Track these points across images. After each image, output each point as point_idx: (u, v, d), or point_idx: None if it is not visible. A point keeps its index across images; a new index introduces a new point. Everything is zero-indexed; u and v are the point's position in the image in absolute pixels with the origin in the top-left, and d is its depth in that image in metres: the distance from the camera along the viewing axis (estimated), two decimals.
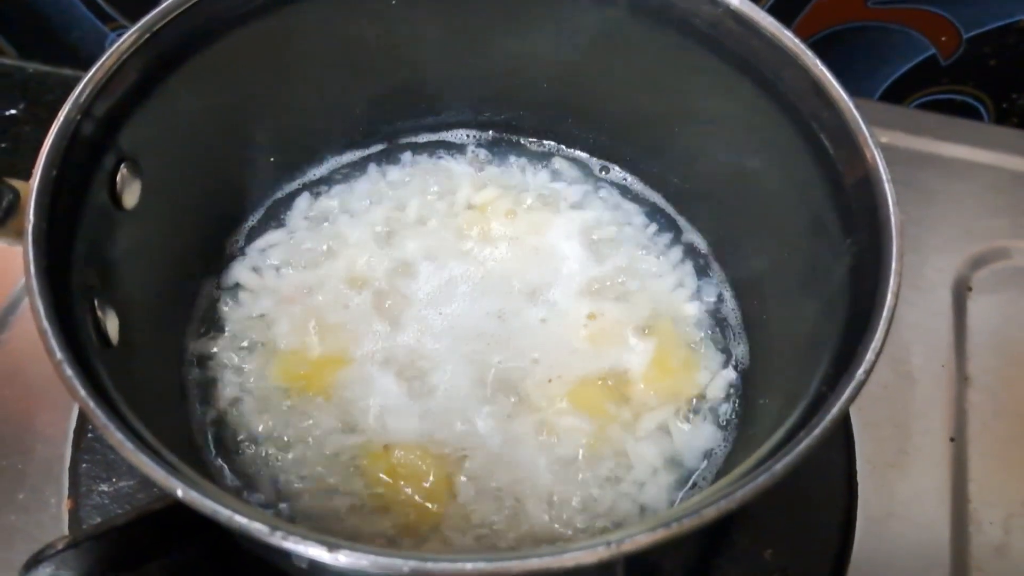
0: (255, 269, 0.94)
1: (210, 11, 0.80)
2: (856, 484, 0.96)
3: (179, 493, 0.57)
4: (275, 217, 0.98)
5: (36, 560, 0.68)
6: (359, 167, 1.01)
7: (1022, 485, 0.99)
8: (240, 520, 0.55)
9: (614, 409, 0.87)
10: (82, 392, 0.60)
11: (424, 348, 0.89)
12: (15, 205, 0.70)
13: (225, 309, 0.92)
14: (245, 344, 0.90)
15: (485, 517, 0.81)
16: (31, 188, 0.67)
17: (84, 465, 0.92)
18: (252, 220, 0.97)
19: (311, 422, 0.85)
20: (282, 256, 0.95)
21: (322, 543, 0.54)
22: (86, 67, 0.74)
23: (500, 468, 0.84)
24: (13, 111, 1.24)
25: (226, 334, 0.90)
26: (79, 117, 0.71)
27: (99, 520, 0.88)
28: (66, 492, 0.92)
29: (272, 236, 0.96)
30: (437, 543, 0.80)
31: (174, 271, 0.89)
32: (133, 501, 0.90)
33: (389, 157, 1.02)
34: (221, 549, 0.79)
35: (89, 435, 0.93)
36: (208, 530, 0.74)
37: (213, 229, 0.95)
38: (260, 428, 0.85)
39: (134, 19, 0.77)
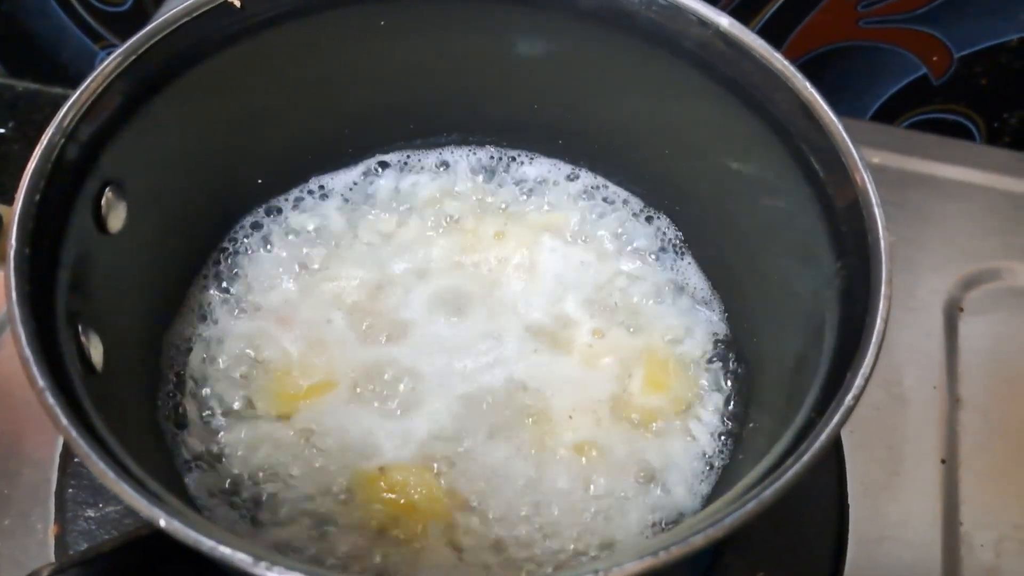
0: (241, 291, 0.93)
1: (195, 33, 0.80)
2: (848, 506, 0.96)
3: (162, 523, 0.56)
4: (261, 238, 0.96)
5: None
6: (347, 187, 1.00)
7: (1014, 507, 0.98)
8: (224, 550, 0.55)
9: (611, 428, 0.87)
10: (64, 421, 0.59)
11: (416, 370, 0.89)
12: None
13: (209, 333, 0.91)
14: (230, 369, 0.89)
15: (485, 538, 0.81)
16: (13, 213, 0.67)
17: (70, 490, 0.92)
18: (238, 241, 0.96)
19: (300, 446, 0.85)
20: (268, 278, 0.94)
21: (306, 573, 0.54)
22: (75, 86, 0.74)
23: (500, 487, 0.83)
24: (2, 130, 1.24)
25: (211, 359, 0.89)
26: (63, 140, 0.70)
27: (86, 546, 0.87)
28: (52, 517, 0.91)
29: (258, 257, 0.95)
30: (437, 566, 0.80)
31: (159, 295, 0.89)
32: (120, 527, 0.89)
33: (378, 176, 1.01)
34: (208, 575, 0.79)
35: (75, 460, 0.93)
36: (195, 557, 0.74)
37: (199, 251, 0.94)
38: (246, 453, 0.84)
39: (124, 38, 0.77)
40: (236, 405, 0.87)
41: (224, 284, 0.93)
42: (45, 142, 0.70)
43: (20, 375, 0.98)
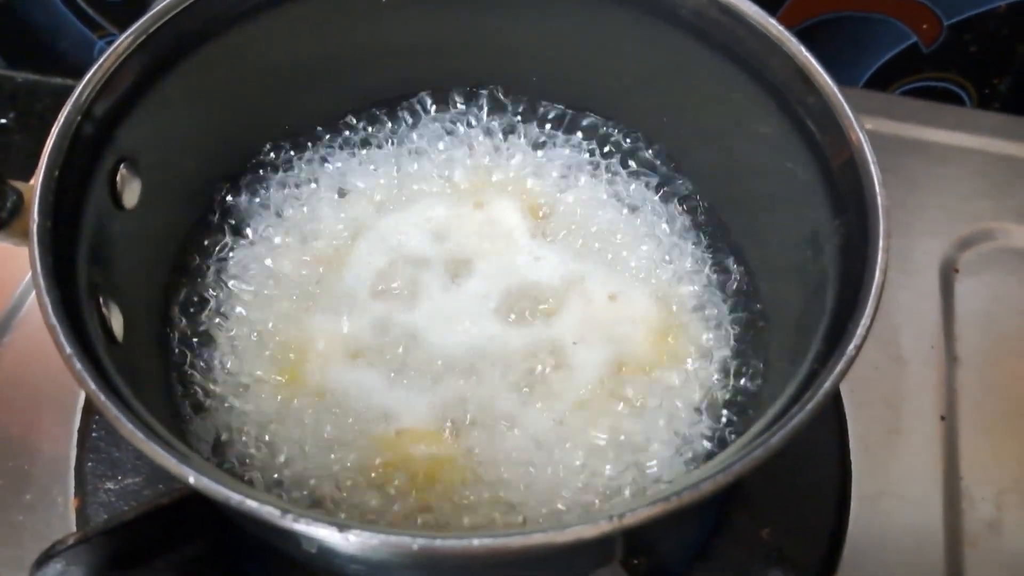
0: (250, 261, 0.94)
1: (204, 13, 0.82)
2: (850, 464, 0.98)
3: (191, 480, 0.58)
4: (269, 208, 0.97)
5: (47, 556, 0.69)
6: (354, 157, 1.01)
7: (1012, 461, 1.00)
8: (251, 504, 0.56)
9: (617, 383, 0.88)
10: (92, 385, 0.61)
11: (423, 334, 0.90)
12: (19, 206, 0.71)
13: (222, 303, 0.92)
14: (243, 338, 0.90)
15: (504, 493, 0.82)
16: (34, 188, 0.68)
17: (90, 464, 0.93)
18: (247, 211, 0.97)
19: (314, 413, 0.85)
20: (276, 247, 0.95)
21: (332, 524, 0.56)
22: (75, 76, 0.75)
23: (510, 445, 0.84)
24: (3, 120, 1.25)
25: (223, 328, 0.91)
26: (79, 118, 0.72)
27: (106, 517, 0.89)
28: (72, 491, 0.93)
29: (266, 227, 0.96)
30: (457, 522, 0.81)
31: (173, 267, 0.91)
32: (139, 498, 0.91)
33: (382, 147, 1.02)
34: (228, 542, 0.80)
35: (94, 434, 0.94)
36: (215, 523, 0.76)
37: (210, 222, 0.95)
38: (260, 421, 0.85)
39: (122, 27, 0.78)
40: (249, 373, 0.88)
41: (234, 254, 0.94)
42: (62, 120, 0.72)
43: (37, 354, 1.01)
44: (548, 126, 1.03)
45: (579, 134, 1.03)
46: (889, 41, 1.39)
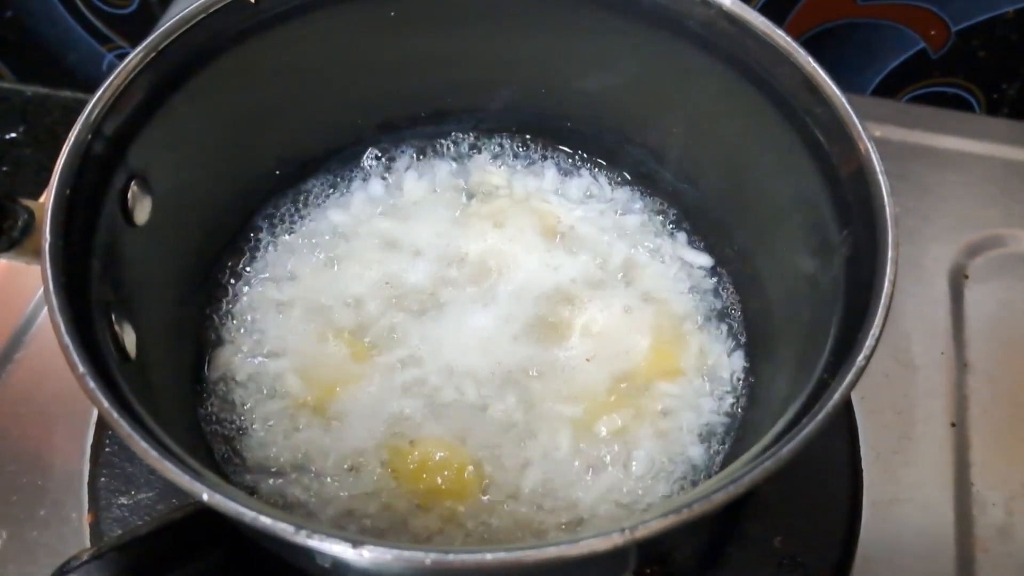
0: (265, 280, 0.95)
1: (211, 30, 0.82)
2: (861, 471, 0.98)
3: (204, 497, 0.58)
4: (281, 226, 0.98)
5: (61, 572, 0.69)
6: (360, 173, 1.02)
7: (1023, 466, 1.00)
8: (265, 521, 0.56)
9: (623, 397, 0.89)
10: (106, 403, 0.61)
11: (439, 348, 0.91)
12: (30, 224, 0.71)
13: (236, 321, 0.93)
14: (258, 356, 0.91)
15: (518, 504, 0.83)
16: (46, 207, 0.69)
17: (103, 479, 0.93)
18: (259, 230, 0.98)
19: (330, 428, 0.86)
20: (291, 267, 0.96)
21: (346, 540, 0.56)
22: (85, 89, 0.75)
23: (528, 458, 0.85)
24: (13, 134, 1.26)
25: (238, 346, 0.91)
26: (89, 136, 0.72)
27: (120, 532, 0.89)
28: (86, 507, 0.93)
29: (279, 245, 0.97)
30: (471, 534, 0.82)
31: (186, 284, 0.91)
32: (152, 513, 0.91)
33: (389, 164, 1.03)
34: (241, 556, 0.80)
35: (107, 450, 0.95)
36: (228, 538, 0.76)
37: (222, 240, 0.96)
38: (279, 435, 0.86)
39: (132, 41, 0.78)
40: (262, 387, 0.89)
41: (248, 273, 0.95)
42: (73, 138, 0.72)
43: (50, 370, 1.01)
44: (559, 143, 1.04)
45: (590, 149, 1.03)
46: (897, 47, 1.39)
